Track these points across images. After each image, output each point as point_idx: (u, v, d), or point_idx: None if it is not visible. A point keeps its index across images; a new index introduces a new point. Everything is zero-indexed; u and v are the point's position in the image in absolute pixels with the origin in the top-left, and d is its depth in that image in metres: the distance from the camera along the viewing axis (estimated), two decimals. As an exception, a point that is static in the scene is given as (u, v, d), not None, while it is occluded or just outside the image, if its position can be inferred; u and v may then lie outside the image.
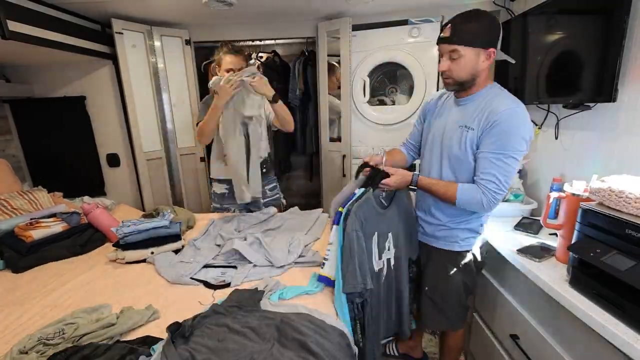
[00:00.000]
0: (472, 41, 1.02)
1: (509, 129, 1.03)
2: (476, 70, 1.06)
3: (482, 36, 1.02)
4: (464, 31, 1.02)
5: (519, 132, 1.03)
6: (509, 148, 1.04)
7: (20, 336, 0.99)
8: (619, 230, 0.87)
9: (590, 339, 0.88)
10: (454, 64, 1.06)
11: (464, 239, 1.25)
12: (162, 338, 0.94)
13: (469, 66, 1.05)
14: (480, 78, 1.09)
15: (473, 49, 1.03)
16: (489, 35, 1.02)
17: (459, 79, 1.09)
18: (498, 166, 1.05)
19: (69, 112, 2.37)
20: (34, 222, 1.64)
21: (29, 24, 1.59)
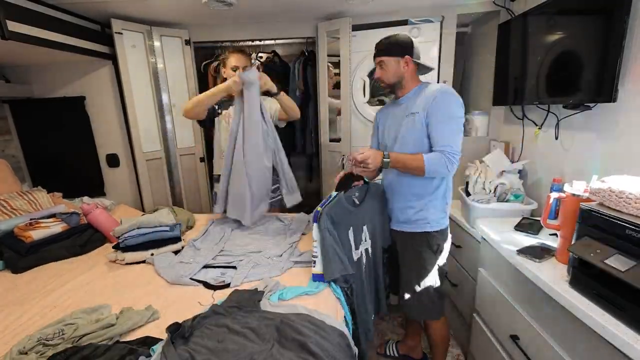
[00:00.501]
0: (389, 52, 1.35)
1: (446, 98, 1.28)
2: (399, 73, 1.36)
3: (397, 48, 1.34)
4: (384, 47, 1.36)
5: (453, 101, 1.29)
6: (451, 115, 1.28)
7: (20, 336, 0.99)
8: (619, 231, 0.87)
9: (591, 339, 0.88)
10: (383, 71, 1.37)
11: (434, 219, 1.40)
12: (162, 339, 0.94)
13: (393, 71, 1.36)
14: (406, 80, 1.37)
15: (392, 58, 1.34)
16: (402, 47, 1.34)
17: (388, 81, 1.39)
18: (447, 131, 1.28)
19: (69, 113, 2.37)
20: (33, 222, 1.64)
21: (28, 24, 1.59)
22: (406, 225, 1.44)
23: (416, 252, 1.44)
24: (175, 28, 2.36)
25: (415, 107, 1.33)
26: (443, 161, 1.26)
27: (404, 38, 1.36)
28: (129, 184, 2.51)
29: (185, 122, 2.52)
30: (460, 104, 1.30)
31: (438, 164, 1.27)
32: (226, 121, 1.82)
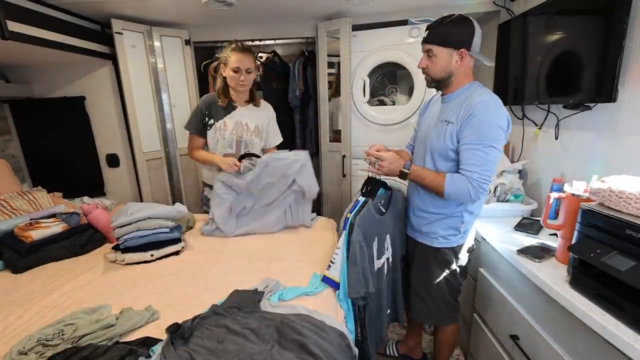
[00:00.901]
0: (444, 41, 1.13)
1: (484, 119, 1.09)
2: (450, 69, 1.15)
3: (454, 37, 1.12)
4: (438, 32, 1.14)
5: (494, 122, 1.09)
6: (486, 138, 1.09)
7: (20, 336, 0.99)
8: (619, 231, 0.87)
9: (590, 339, 0.88)
10: (430, 61, 1.17)
11: (444, 236, 1.28)
12: (162, 339, 0.94)
13: (443, 64, 1.15)
14: (456, 77, 1.17)
15: (445, 49, 1.13)
16: (460, 37, 1.11)
17: (434, 76, 1.19)
18: (479, 156, 1.10)
19: (69, 113, 2.37)
20: (33, 222, 1.64)
21: (28, 24, 1.59)
22: (418, 234, 1.37)
23: (424, 264, 1.37)
24: (175, 28, 2.36)
25: (452, 115, 1.16)
26: (467, 188, 1.11)
27: (464, 23, 1.12)
28: (129, 184, 2.51)
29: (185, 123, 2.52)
30: (503, 124, 1.11)
31: (461, 190, 1.12)
32: (221, 134, 1.74)
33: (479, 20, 2.27)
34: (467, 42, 1.11)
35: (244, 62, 1.64)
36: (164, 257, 1.49)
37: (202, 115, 1.76)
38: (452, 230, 1.28)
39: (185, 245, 1.59)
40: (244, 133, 1.77)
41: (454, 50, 1.12)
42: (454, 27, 1.12)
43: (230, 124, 1.75)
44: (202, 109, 1.76)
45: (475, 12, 2.11)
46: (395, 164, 1.22)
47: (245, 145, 1.78)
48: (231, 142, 1.76)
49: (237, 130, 1.76)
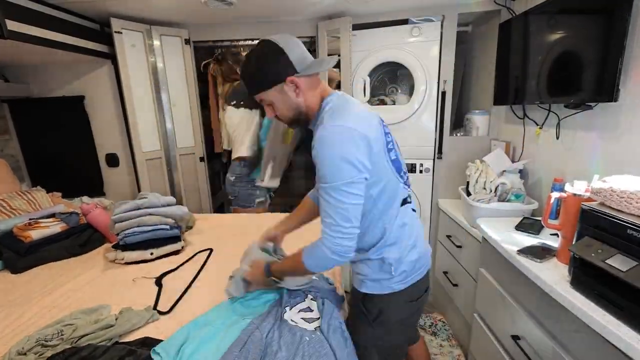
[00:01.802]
0: (264, 85, 0.90)
1: (320, 155, 0.83)
2: (294, 103, 0.92)
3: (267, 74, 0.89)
4: (251, 81, 0.92)
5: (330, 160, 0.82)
6: (327, 178, 0.83)
7: (20, 336, 0.99)
8: (621, 231, 0.87)
9: (591, 339, 0.88)
10: (272, 109, 0.95)
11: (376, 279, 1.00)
12: (161, 339, 0.94)
13: (285, 105, 0.92)
14: (307, 104, 0.93)
15: (272, 90, 0.90)
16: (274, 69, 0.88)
17: (288, 120, 0.96)
18: (327, 202, 0.85)
19: (68, 112, 2.37)
20: (32, 222, 1.63)
21: (27, 23, 1.58)
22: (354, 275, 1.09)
23: (351, 313, 1.12)
24: (175, 27, 2.35)
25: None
26: (323, 252, 0.86)
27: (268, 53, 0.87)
28: (129, 184, 2.51)
29: (185, 122, 2.52)
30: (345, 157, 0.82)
31: (319, 259, 0.88)
32: None
33: (480, 20, 2.29)
34: (286, 68, 0.87)
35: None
36: (164, 256, 1.49)
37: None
38: (383, 273, 0.99)
39: (185, 244, 1.59)
40: None
41: (282, 84, 0.88)
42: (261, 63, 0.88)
43: None
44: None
45: (476, 11, 2.10)
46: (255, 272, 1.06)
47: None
48: None
49: None
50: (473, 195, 1.75)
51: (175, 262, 1.45)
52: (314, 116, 0.96)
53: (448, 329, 2.07)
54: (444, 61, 2.17)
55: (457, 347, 1.91)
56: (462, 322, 1.90)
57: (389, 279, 0.99)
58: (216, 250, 1.55)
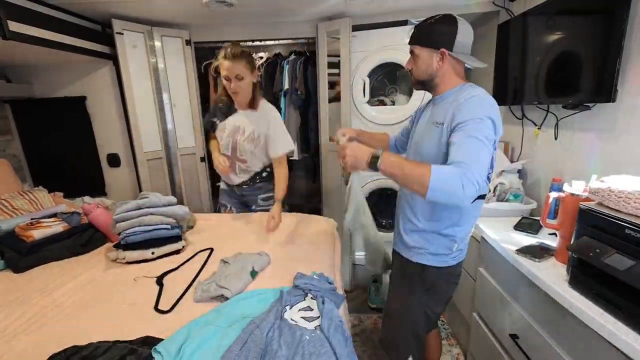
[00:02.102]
0: (424, 41, 1.07)
1: (472, 111, 0.95)
2: (432, 70, 1.08)
3: (434, 37, 1.05)
4: (420, 33, 1.09)
5: (480, 112, 0.95)
6: (475, 130, 0.93)
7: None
8: (619, 230, 0.87)
9: (590, 338, 0.88)
10: (414, 63, 1.11)
11: (433, 253, 1.14)
12: (162, 338, 0.94)
13: (424, 66, 1.08)
14: (441, 78, 1.09)
15: (426, 49, 1.07)
16: (440, 36, 1.04)
17: (417, 77, 1.13)
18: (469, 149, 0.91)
19: (70, 113, 2.37)
20: (34, 222, 1.64)
21: (29, 24, 1.59)
22: (405, 249, 1.22)
23: (405, 284, 1.23)
24: (176, 28, 2.36)
25: (441, 116, 1.05)
26: (457, 176, 0.87)
27: (447, 22, 1.03)
28: (130, 184, 2.52)
29: (185, 122, 2.53)
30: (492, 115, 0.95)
31: (449, 178, 0.88)
32: (220, 135, 1.78)
33: (479, 21, 2.30)
34: (448, 41, 1.03)
35: (234, 69, 1.57)
36: (165, 255, 1.50)
37: (210, 114, 1.82)
38: (444, 249, 1.14)
39: (186, 244, 1.60)
40: (238, 137, 1.74)
41: (434, 50, 1.05)
42: (435, 27, 1.05)
43: (228, 127, 1.76)
44: (213, 109, 1.81)
45: (474, 12, 2.11)
46: (360, 152, 1.00)
47: (238, 151, 1.76)
48: (227, 145, 1.78)
49: (233, 134, 1.75)
50: (472, 195, 1.76)
51: (176, 261, 1.45)
52: (443, 91, 1.10)
53: (447, 328, 2.07)
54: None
55: (456, 346, 1.92)
56: (461, 322, 1.90)
57: (447, 254, 1.14)
58: (217, 249, 1.55)
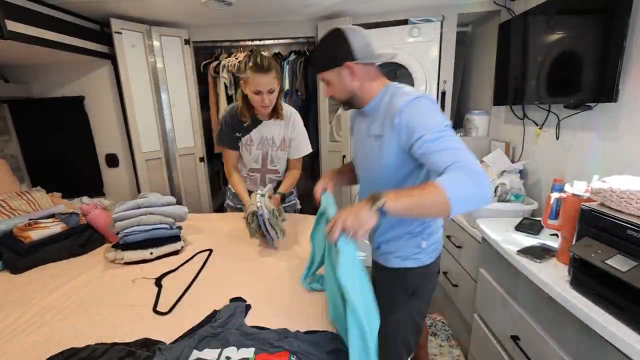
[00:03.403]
0: (326, 65, 1.02)
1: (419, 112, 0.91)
2: (348, 87, 1.02)
3: (330, 58, 1.01)
4: (317, 60, 1.07)
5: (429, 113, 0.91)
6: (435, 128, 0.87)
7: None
8: (620, 231, 0.87)
9: (591, 339, 0.88)
10: (330, 89, 1.07)
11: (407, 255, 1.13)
12: (161, 341, 0.94)
13: (340, 86, 1.03)
14: (361, 90, 1.03)
15: (331, 71, 1.02)
16: (334, 53, 1.00)
17: (341, 99, 1.08)
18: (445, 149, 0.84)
19: (68, 113, 2.37)
20: (32, 222, 1.63)
21: (27, 23, 1.58)
22: (380, 255, 1.20)
23: (387, 294, 1.17)
24: (175, 28, 2.36)
25: (379, 127, 1.00)
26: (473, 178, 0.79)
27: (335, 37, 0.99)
28: (128, 184, 2.51)
29: (185, 122, 2.52)
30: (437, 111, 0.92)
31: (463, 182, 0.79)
32: (247, 149, 1.69)
33: (480, 20, 2.30)
34: (347, 53, 0.98)
35: (266, 83, 1.44)
36: (164, 256, 1.49)
37: (233, 130, 1.65)
38: (414, 247, 1.12)
39: (185, 245, 1.59)
40: (269, 148, 1.70)
41: (340, 67, 0.99)
42: (327, 47, 1.02)
43: (256, 139, 1.67)
44: (231, 122, 1.64)
45: (475, 11, 2.11)
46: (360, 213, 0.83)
47: (271, 161, 1.73)
48: (257, 158, 1.71)
49: (263, 146, 1.68)
50: (473, 195, 1.75)
51: (175, 262, 1.45)
52: (369, 101, 1.05)
53: (448, 329, 2.07)
54: (443, 61, 2.18)
55: (456, 347, 1.91)
56: (461, 323, 1.90)
57: (418, 253, 1.12)
58: (216, 250, 1.55)
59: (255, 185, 1.77)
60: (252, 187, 1.77)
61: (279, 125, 1.68)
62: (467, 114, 2.30)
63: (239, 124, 1.63)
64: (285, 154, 1.74)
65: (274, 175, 1.78)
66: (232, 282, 1.28)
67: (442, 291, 2.18)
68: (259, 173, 1.76)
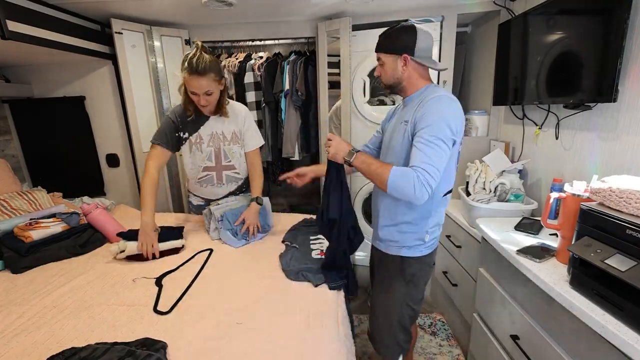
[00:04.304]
0: (387, 49, 1.16)
1: (434, 113, 1.05)
2: (398, 75, 1.16)
3: (396, 44, 1.14)
4: (383, 41, 1.18)
5: (441, 116, 1.04)
6: (435, 131, 1.03)
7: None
8: (620, 231, 0.87)
9: (591, 339, 0.88)
10: (381, 69, 1.20)
11: (409, 246, 1.23)
12: (162, 340, 0.94)
13: (390, 71, 1.17)
14: (407, 81, 1.17)
15: (390, 56, 1.15)
16: (401, 43, 1.13)
17: (386, 82, 1.21)
18: (426, 151, 1.02)
19: (69, 112, 2.37)
20: (33, 222, 1.64)
21: (28, 24, 1.59)
22: (381, 243, 1.30)
23: (386, 277, 1.30)
24: (175, 28, 2.36)
25: (409, 115, 1.13)
26: (411, 178, 1.00)
27: (406, 30, 1.11)
28: (129, 184, 2.51)
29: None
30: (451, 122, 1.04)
31: (404, 179, 1.01)
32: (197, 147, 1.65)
33: (479, 20, 2.30)
34: (409, 47, 1.12)
35: (201, 86, 1.44)
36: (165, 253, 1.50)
37: (176, 129, 1.61)
38: (417, 240, 1.22)
39: (185, 244, 1.59)
40: (221, 143, 1.68)
41: (398, 56, 1.13)
42: (396, 35, 1.14)
43: (205, 136, 1.65)
44: (175, 121, 1.60)
45: (475, 11, 2.11)
46: (342, 147, 1.17)
47: (225, 156, 1.71)
48: (209, 155, 1.69)
49: (214, 142, 1.67)
50: (472, 195, 1.75)
51: (175, 262, 1.45)
52: (411, 92, 1.19)
53: (447, 329, 2.07)
54: (443, 61, 2.18)
55: (456, 347, 1.92)
56: (461, 322, 1.90)
57: (420, 245, 1.22)
58: (216, 250, 1.55)
59: (211, 185, 1.76)
60: (209, 187, 1.76)
61: (227, 121, 1.67)
62: (467, 114, 2.30)
63: (184, 123, 1.61)
64: (239, 148, 1.72)
65: (230, 172, 1.75)
66: (232, 282, 1.28)
67: (442, 291, 2.18)
68: (214, 171, 1.72)
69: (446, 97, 1.09)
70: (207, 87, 1.46)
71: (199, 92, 1.46)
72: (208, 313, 1.09)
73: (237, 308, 1.12)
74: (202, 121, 1.64)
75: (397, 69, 1.15)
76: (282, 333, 1.00)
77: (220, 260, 1.47)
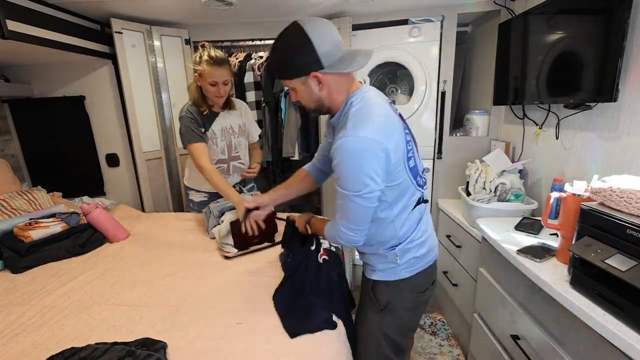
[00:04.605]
0: (287, 74, 0.91)
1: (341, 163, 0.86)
2: (317, 95, 0.92)
3: (293, 64, 0.88)
4: (276, 66, 0.94)
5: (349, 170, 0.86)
6: (345, 186, 0.88)
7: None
8: (620, 231, 0.87)
9: (591, 339, 0.88)
10: (296, 95, 0.96)
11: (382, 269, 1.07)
12: (161, 340, 0.94)
13: (306, 96, 0.94)
14: (329, 99, 0.94)
15: (296, 80, 0.90)
16: (297, 61, 0.87)
17: (309, 108, 0.99)
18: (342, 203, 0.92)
19: (69, 112, 2.37)
20: (33, 222, 1.64)
21: (28, 23, 1.58)
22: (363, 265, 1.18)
23: (361, 303, 1.18)
24: (175, 27, 2.36)
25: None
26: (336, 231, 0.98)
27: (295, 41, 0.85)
28: (129, 184, 2.51)
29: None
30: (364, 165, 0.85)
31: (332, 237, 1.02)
32: (213, 142, 1.74)
33: (480, 20, 2.29)
34: (312, 62, 0.85)
35: (221, 75, 1.57)
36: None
37: (197, 124, 1.68)
38: (388, 263, 1.06)
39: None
40: (231, 137, 1.81)
41: (305, 77, 0.88)
42: (289, 53, 0.87)
43: (218, 131, 1.76)
44: (194, 118, 1.67)
45: (475, 11, 2.10)
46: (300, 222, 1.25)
47: (234, 148, 1.83)
48: (223, 149, 1.80)
49: (226, 136, 1.79)
50: (473, 195, 1.75)
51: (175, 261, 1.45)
52: (337, 109, 0.96)
53: (448, 329, 2.07)
54: (443, 61, 2.18)
55: (456, 346, 1.92)
56: (461, 322, 1.90)
57: (395, 267, 1.05)
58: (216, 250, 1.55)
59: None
60: None
61: (234, 115, 1.82)
62: (467, 114, 2.30)
63: (202, 118, 1.70)
64: (244, 139, 1.88)
65: (237, 162, 1.87)
66: (232, 282, 1.28)
67: (442, 290, 2.18)
68: (226, 163, 1.83)
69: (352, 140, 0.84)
70: (226, 75, 1.60)
71: (219, 80, 1.58)
72: (208, 313, 1.09)
73: (237, 308, 1.12)
74: (213, 117, 1.75)
75: (312, 90, 0.91)
76: (282, 333, 1.00)
77: (220, 260, 1.47)
